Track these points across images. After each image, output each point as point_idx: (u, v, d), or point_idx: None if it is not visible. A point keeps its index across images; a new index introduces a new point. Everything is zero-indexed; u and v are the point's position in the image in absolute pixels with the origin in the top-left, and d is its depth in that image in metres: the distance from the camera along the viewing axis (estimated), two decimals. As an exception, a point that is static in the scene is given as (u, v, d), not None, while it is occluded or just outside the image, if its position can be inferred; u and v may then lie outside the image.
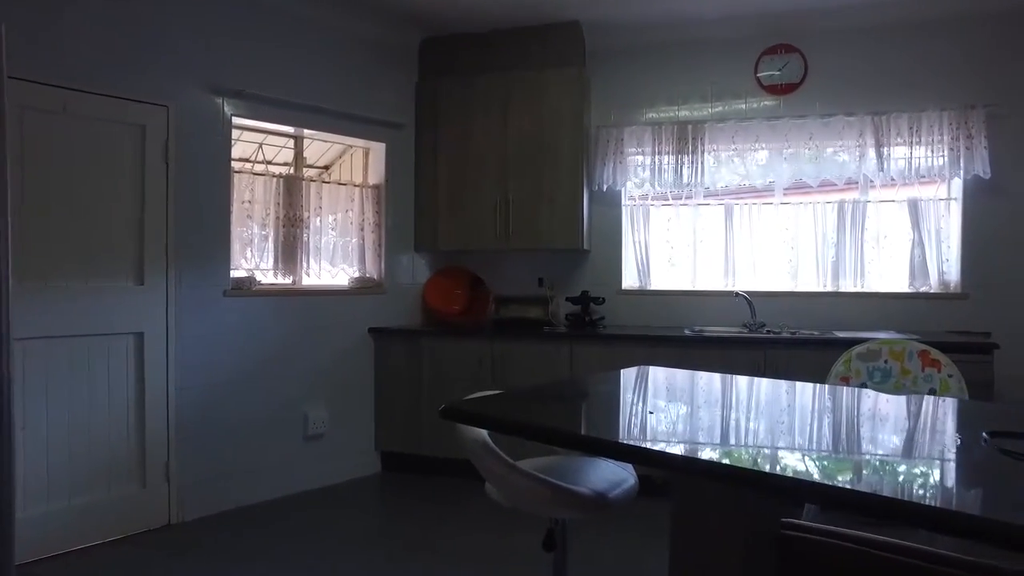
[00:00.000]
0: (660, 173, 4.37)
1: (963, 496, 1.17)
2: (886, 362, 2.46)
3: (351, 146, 4.43)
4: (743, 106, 4.32)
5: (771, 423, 1.68)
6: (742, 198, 4.44)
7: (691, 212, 4.47)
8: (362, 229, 4.36)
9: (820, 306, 4.24)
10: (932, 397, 2.17)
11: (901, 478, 1.21)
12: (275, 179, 3.94)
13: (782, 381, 2.14)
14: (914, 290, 4.15)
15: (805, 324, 4.20)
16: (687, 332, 4.06)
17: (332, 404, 4.10)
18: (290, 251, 4.00)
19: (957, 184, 4.10)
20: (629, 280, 4.57)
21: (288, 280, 4.03)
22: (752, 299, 4.19)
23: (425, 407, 4.21)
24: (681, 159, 4.32)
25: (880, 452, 1.39)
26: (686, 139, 4.31)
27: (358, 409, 4.25)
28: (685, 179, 4.33)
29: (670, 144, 4.34)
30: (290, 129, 4.05)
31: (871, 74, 4.14)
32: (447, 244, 4.53)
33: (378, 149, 4.42)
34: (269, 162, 4.09)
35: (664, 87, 4.45)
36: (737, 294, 4.23)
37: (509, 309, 4.50)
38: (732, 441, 1.46)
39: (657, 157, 4.36)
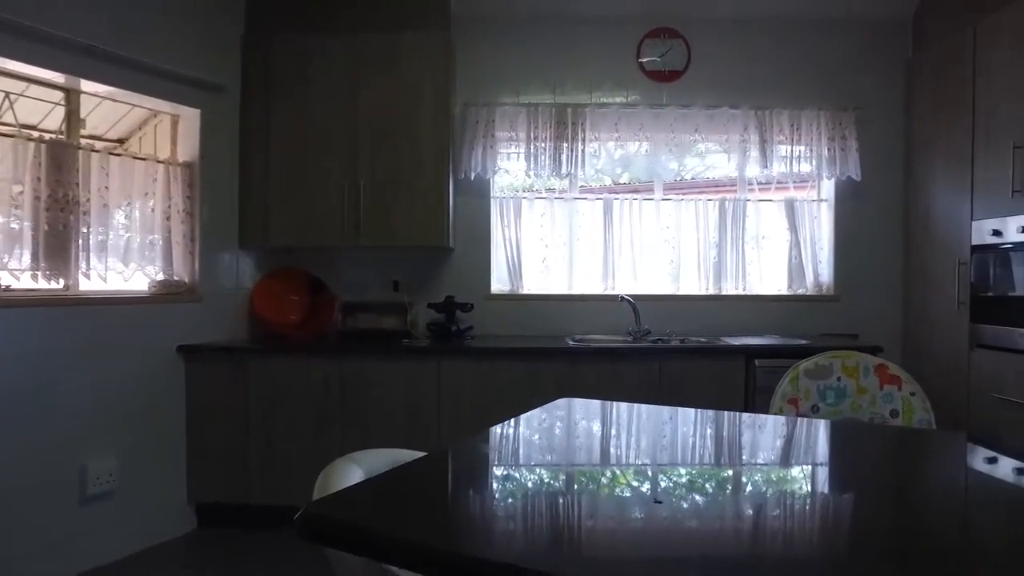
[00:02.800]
0: (536, 161, 3.85)
1: None
2: (839, 379, 2.11)
3: (154, 112, 3.43)
4: (626, 92, 3.93)
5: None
6: (618, 193, 4.05)
7: (567, 207, 4.01)
8: (168, 219, 3.39)
9: (703, 310, 3.97)
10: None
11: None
12: (34, 144, 2.86)
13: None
14: (792, 292, 4.02)
15: (689, 329, 3.91)
16: (571, 342, 3.58)
17: (125, 450, 3.09)
18: (60, 245, 2.93)
19: (829, 186, 4.02)
20: (499, 283, 4.01)
21: (57, 284, 2.98)
22: (635, 304, 3.82)
23: (254, 445, 3.34)
24: (559, 146, 3.84)
25: None
26: (565, 124, 3.83)
27: (163, 453, 3.27)
28: (564, 169, 3.85)
29: (548, 129, 3.84)
30: (58, 77, 2.97)
31: (753, 68, 3.94)
32: (281, 239, 3.67)
33: (190, 117, 3.46)
34: (27, 125, 3.00)
35: (541, 65, 3.94)
36: (622, 298, 3.83)
37: (359, 319, 3.75)
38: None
39: (533, 143, 3.84)
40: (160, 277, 3.37)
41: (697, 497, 1.16)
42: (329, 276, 3.87)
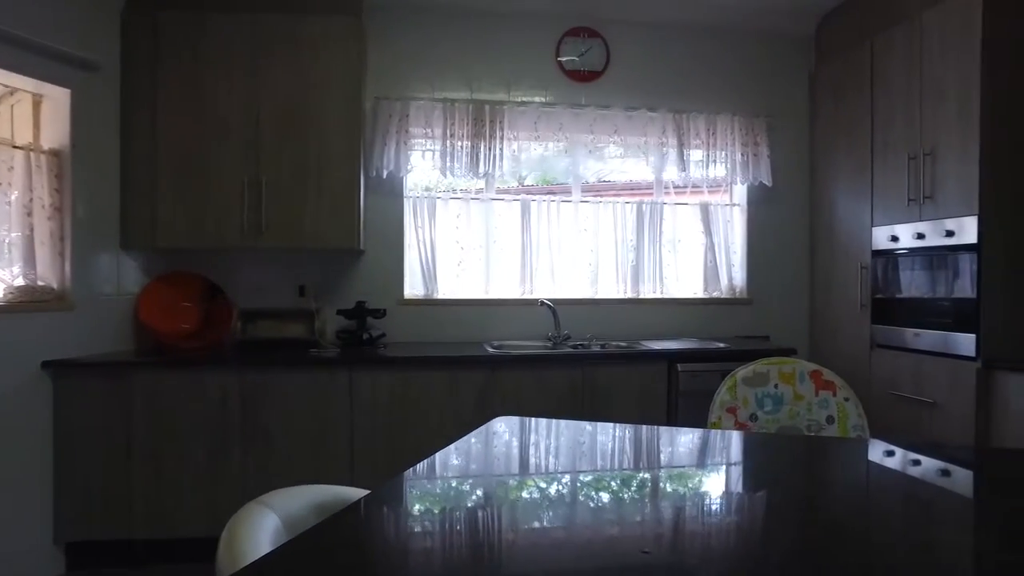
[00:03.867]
0: (452, 160, 3.68)
1: None
2: (776, 387, 2.08)
3: (11, 90, 2.96)
4: (545, 91, 3.84)
5: None
6: (536, 194, 3.96)
7: (484, 208, 3.86)
8: (30, 214, 2.94)
9: (621, 313, 3.94)
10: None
11: None
12: None
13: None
14: (707, 295, 4.07)
15: (609, 333, 3.87)
16: (490, 349, 3.43)
17: (-25, 482, 2.65)
18: None
19: (742, 191, 4.11)
20: (413, 288, 3.81)
21: None
22: (555, 308, 3.73)
23: (138, 472, 2.96)
24: (476, 145, 3.69)
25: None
26: (482, 122, 3.68)
27: (22, 487, 2.82)
28: (481, 168, 3.70)
29: (464, 126, 3.68)
30: None
31: (671, 71, 3.96)
32: (171, 240, 3.28)
33: (58, 98, 3.01)
34: None
35: (458, 59, 3.77)
36: (542, 303, 3.73)
37: (260, 327, 3.43)
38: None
39: (449, 141, 3.67)
40: (20, 282, 2.92)
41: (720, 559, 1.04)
42: (226, 280, 3.52)
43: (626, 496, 1.23)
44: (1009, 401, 2.83)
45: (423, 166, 3.77)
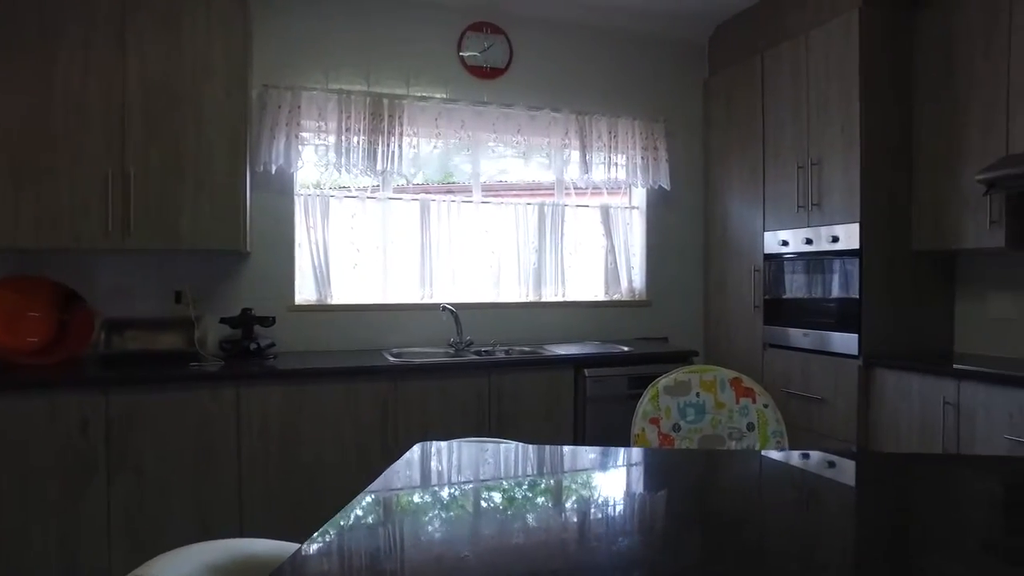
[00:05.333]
0: (347, 156, 3.44)
1: None
2: (698, 395, 2.06)
3: None
4: (446, 87, 3.68)
5: None
6: (435, 193, 3.79)
7: (381, 208, 3.65)
8: None
9: (524, 317, 3.87)
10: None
11: None
12: None
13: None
14: (608, 298, 4.09)
15: (511, 338, 3.78)
16: (390, 358, 3.23)
17: None
18: None
19: (641, 194, 4.16)
20: (305, 292, 3.53)
21: None
22: (457, 313, 3.59)
23: (-26, 512, 2.51)
24: (374, 140, 3.47)
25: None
26: (381, 116, 3.47)
27: None
28: (378, 165, 3.48)
29: (361, 120, 3.44)
30: None
31: (574, 72, 3.94)
32: (12, 239, 2.79)
33: None
34: None
35: (355, 48, 3.52)
36: (444, 308, 3.58)
37: (128, 338, 3.03)
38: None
39: (344, 135, 3.42)
40: None
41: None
42: (85, 286, 3.09)
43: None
44: (885, 396, 3.03)
45: (316, 162, 3.50)
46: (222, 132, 3.01)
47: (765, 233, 3.68)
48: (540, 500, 1.27)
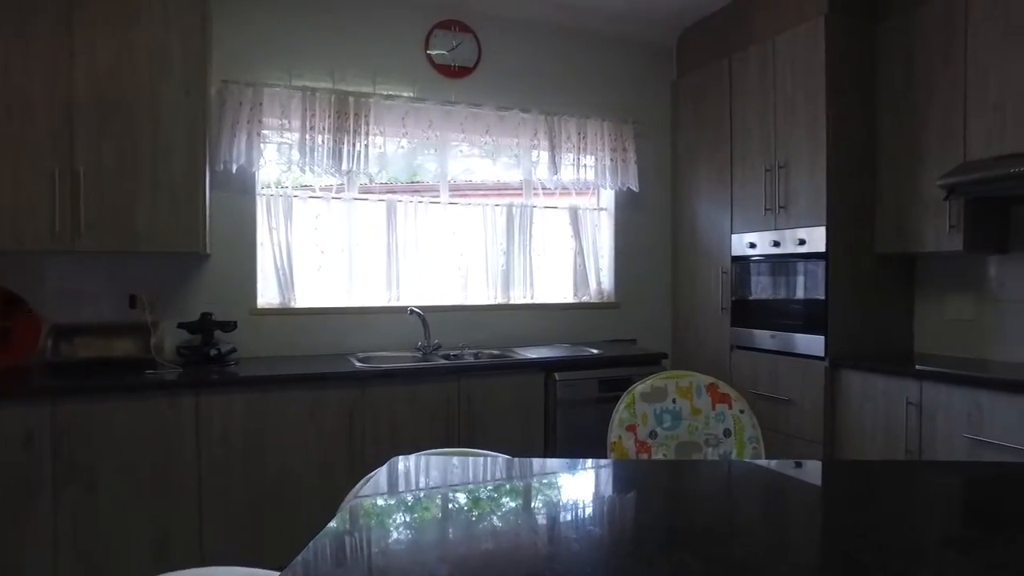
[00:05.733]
0: (312, 155, 3.33)
1: None
2: (674, 401, 2.04)
3: None
4: (413, 85, 3.60)
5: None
6: (402, 194, 3.71)
7: (346, 208, 3.56)
8: None
9: (492, 320, 3.82)
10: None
11: None
12: None
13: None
14: (577, 300, 4.07)
15: (480, 341, 3.74)
16: (357, 363, 3.15)
17: None
18: None
19: (609, 195, 4.15)
20: (267, 296, 3.41)
21: None
22: (425, 316, 3.52)
23: (-92, 533, 2.35)
24: (340, 139, 3.37)
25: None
26: (346, 115, 3.38)
27: None
28: (344, 165, 3.39)
29: (326, 119, 3.35)
30: None
31: (543, 72, 3.90)
32: (-49, 241, 2.64)
33: None
34: None
35: (319, 44, 3.42)
36: (411, 311, 3.50)
37: (79, 345, 2.88)
38: None
39: (309, 134, 3.32)
40: None
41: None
42: (30, 290, 2.93)
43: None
44: (851, 396, 3.08)
45: (279, 161, 3.39)
46: (180, 129, 2.88)
47: (733, 235, 3.71)
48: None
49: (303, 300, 3.46)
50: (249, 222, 3.33)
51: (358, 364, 3.12)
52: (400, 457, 1.56)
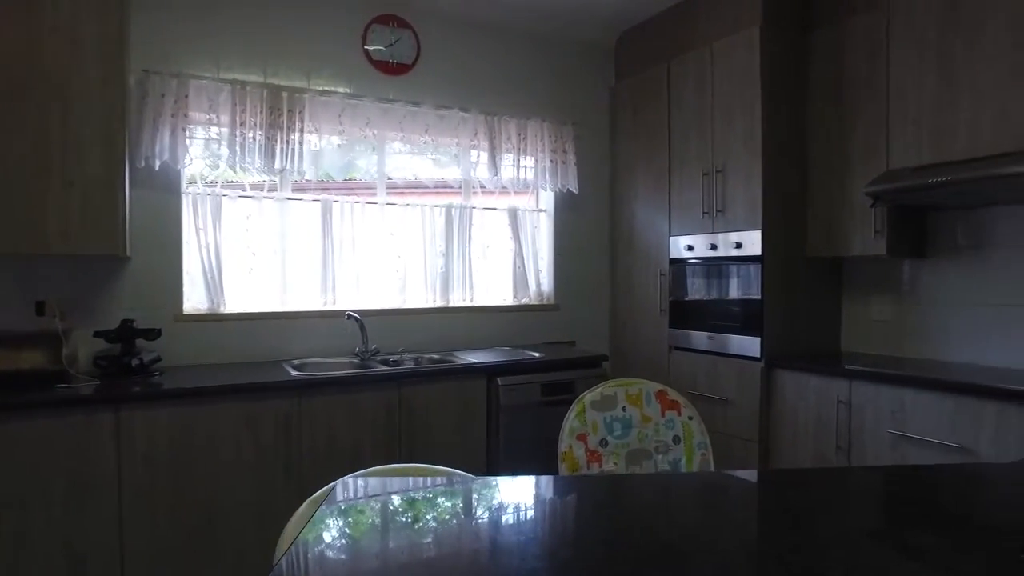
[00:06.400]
0: (243, 152, 3.16)
1: None
2: (624, 409, 2.03)
3: None
4: (350, 82, 3.47)
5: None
6: (338, 193, 3.58)
7: (279, 208, 3.40)
8: None
9: (431, 324, 3.74)
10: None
11: None
12: None
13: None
14: (517, 302, 4.04)
15: (419, 345, 3.65)
16: (292, 371, 3.01)
17: None
18: None
19: (548, 197, 4.14)
20: (194, 300, 3.22)
21: None
22: (362, 320, 3.41)
23: None
24: (272, 136, 3.21)
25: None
26: (280, 110, 3.22)
27: None
28: (277, 163, 3.24)
29: (258, 114, 3.18)
30: None
31: (483, 71, 3.84)
32: None
33: None
34: None
35: (250, 35, 3.24)
36: (348, 316, 3.38)
37: (-20, 357, 2.62)
38: None
39: (239, 130, 3.14)
40: None
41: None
42: (-80, 297, 2.64)
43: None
44: (785, 395, 3.18)
45: (206, 158, 3.20)
46: (95, 121, 2.66)
47: (671, 238, 3.77)
48: None
49: (233, 305, 3.28)
50: (174, 222, 3.12)
51: (294, 372, 2.98)
52: (346, 480, 1.48)
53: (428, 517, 1.27)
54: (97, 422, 2.45)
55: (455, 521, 1.25)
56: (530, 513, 1.31)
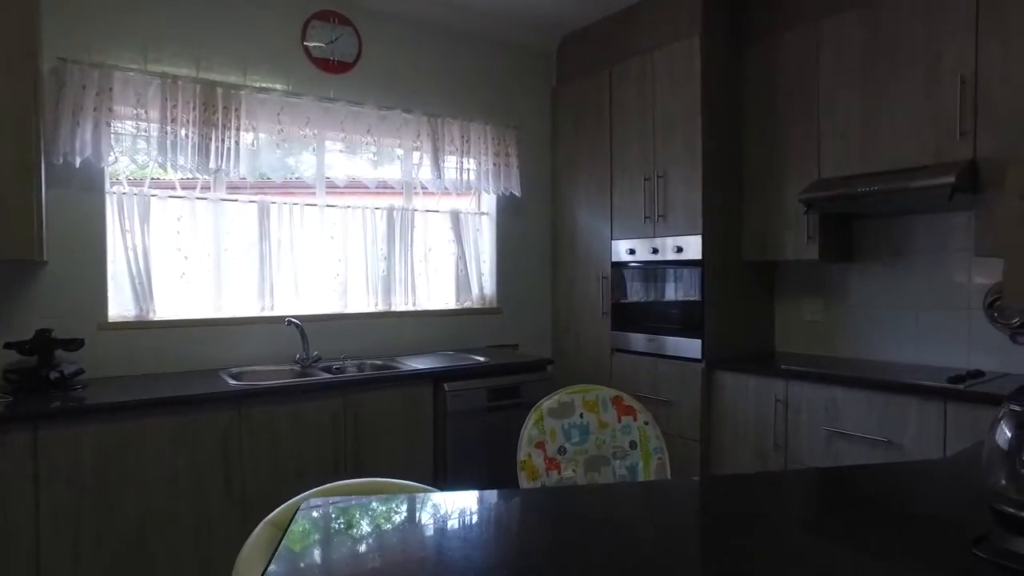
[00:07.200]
0: (174, 150, 2.99)
1: None
2: (582, 416, 2.03)
3: None
4: (289, 79, 3.34)
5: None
6: (276, 195, 3.44)
7: (213, 209, 3.24)
8: None
9: (373, 329, 3.66)
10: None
11: None
12: None
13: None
14: (460, 306, 4.00)
15: (361, 351, 3.57)
16: (230, 380, 2.87)
17: None
18: None
19: (491, 200, 4.12)
20: (121, 307, 3.01)
21: None
22: (303, 326, 3.29)
23: None
24: (206, 134, 3.05)
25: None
26: (215, 107, 3.06)
27: None
28: (212, 162, 3.08)
29: (191, 111, 3.01)
30: None
31: (426, 72, 3.78)
32: None
33: None
34: None
35: (181, 25, 3.06)
36: (289, 322, 3.25)
37: None
38: None
39: (171, 127, 2.97)
40: None
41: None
42: None
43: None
44: (725, 395, 3.28)
45: (134, 155, 3.00)
46: (2, 113, 2.44)
47: (613, 242, 3.82)
48: None
49: (164, 311, 3.10)
50: (97, 224, 2.91)
51: (232, 381, 2.84)
52: (309, 501, 1.42)
53: (411, 541, 1.23)
54: (11, 442, 2.26)
55: (438, 544, 1.21)
56: (510, 527, 1.28)
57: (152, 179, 3.07)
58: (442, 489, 2.04)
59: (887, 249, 3.24)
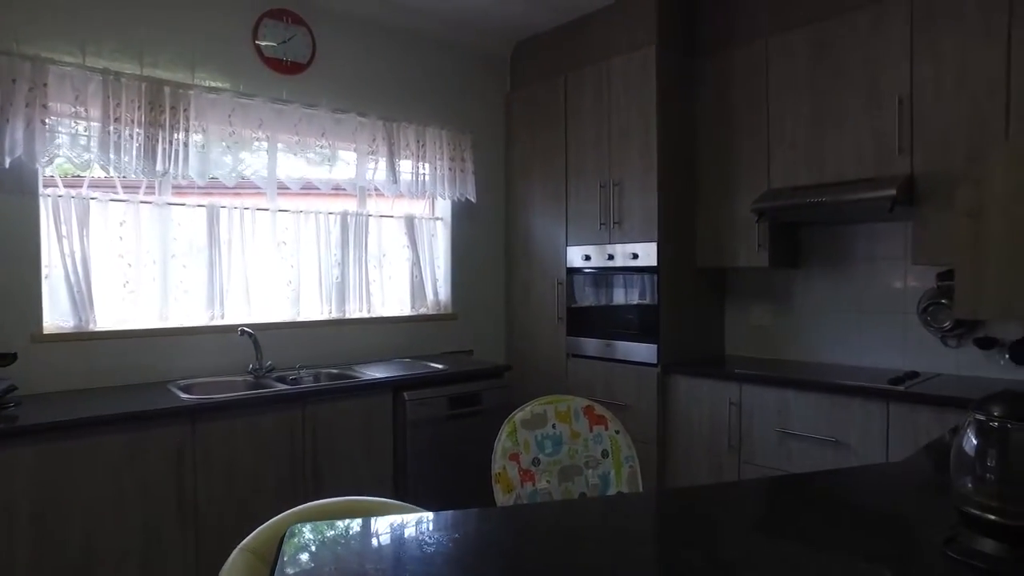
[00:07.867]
0: (119, 151, 2.82)
1: None
2: (554, 427, 2.03)
3: None
4: (240, 79, 3.21)
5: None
6: (224, 198, 3.29)
7: (159, 214, 3.08)
8: None
9: (327, 337, 3.57)
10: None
11: None
12: None
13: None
14: (415, 312, 3.95)
15: (316, 359, 3.48)
16: (181, 394, 2.73)
17: None
18: None
19: (445, 205, 4.09)
20: (57, 317, 2.83)
21: None
22: (256, 335, 3.17)
23: None
24: (152, 134, 2.90)
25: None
26: (162, 106, 2.91)
27: None
28: (158, 165, 2.92)
29: (136, 110, 2.85)
30: None
31: (381, 75, 3.71)
32: None
33: None
34: None
35: (123, 18, 2.89)
36: (242, 331, 3.13)
37: None
38: None
39: (114, 126, 2.80)
40: None
41: None
42: None
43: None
44: (680, 398, 3.36)
45: (72, 156, 2.81)
46: (-66, 113, 2.26)
47: (568, 248, 3.85)
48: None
49: (105, 322, 2.92)
50: (30, 228, 2.72)
51: (183, 395, 2.71)
52: (293, 526, 1.36)
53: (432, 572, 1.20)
54: (-58, 467, 2.08)
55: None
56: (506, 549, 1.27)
57: (91, 180, 2.90)
58: (404, 501, 2.01)
59: (830, 256, 3.40)
